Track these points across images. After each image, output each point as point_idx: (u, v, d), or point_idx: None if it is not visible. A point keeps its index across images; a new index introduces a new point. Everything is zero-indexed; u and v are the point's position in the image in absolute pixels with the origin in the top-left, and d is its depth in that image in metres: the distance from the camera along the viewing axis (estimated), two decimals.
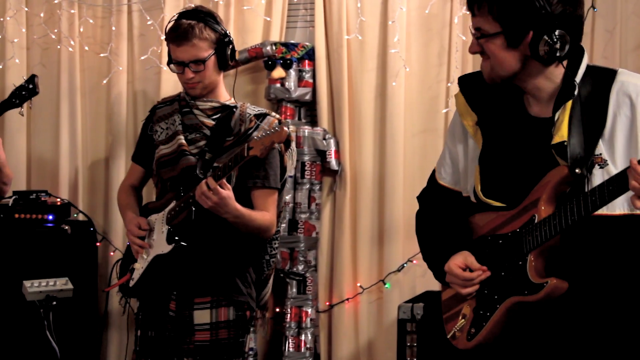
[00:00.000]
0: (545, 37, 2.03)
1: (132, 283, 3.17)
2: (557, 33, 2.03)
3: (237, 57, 3.21)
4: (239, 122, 3.10)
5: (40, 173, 4.74)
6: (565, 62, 2.09)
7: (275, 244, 3.29)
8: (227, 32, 3.18)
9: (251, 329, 3.32)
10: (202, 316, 3.05)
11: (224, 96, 3.24)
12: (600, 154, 2.03)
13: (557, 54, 2.05)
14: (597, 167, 2.02)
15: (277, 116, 3.19)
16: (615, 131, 2.04)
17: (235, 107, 3.17)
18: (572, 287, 2.00)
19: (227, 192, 2.89)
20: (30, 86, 3.54)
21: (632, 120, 2.03)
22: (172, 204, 3.07)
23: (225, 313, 3.07)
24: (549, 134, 2.09)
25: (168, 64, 3.20)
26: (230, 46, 3.16)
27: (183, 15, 3.15)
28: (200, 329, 3.05)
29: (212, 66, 3.13)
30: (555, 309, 2.06)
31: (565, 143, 2.04)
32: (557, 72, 2.12)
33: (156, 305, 3.14)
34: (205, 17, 3.13)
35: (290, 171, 3.30)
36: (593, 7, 3.89)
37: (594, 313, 2.07)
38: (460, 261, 2.21)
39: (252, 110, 3.16)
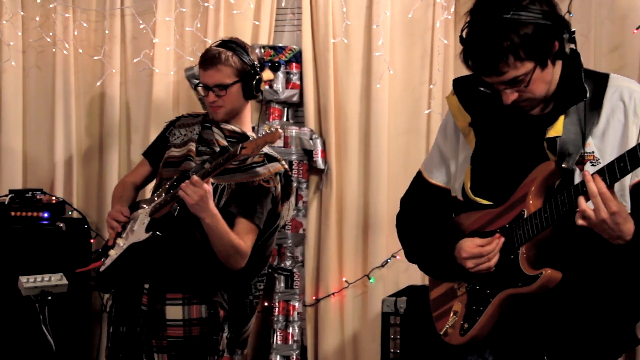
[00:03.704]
0: (566, 37, 1.97)
1: (103, 268, 3.09)
2: (571, 29, 2.00)
3: (262, 88, 3.15)
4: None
5: (36, 172, 4.72)
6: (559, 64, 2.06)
7: (260, 285, 3.21)
8: (255, 63, 3.12)
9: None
10: (174, 312, 2.97)
11: (247, 126, 3.18)
12: (593, 152, 2.01)
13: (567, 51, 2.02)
14: (589, 164, 2.00)
15: (285, 166, 3.13)
16: (608, 132, 2.02)
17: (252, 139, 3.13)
18: (563, 278, 1.97)
19: (208, 187, 2.83)
20: None
21: (624, 125, 2.01)
22: (160, 199, 3.01)
23: (197, 310, 2.99)
24: (541, 131, 2.06)
25: (195, 86, 3.16)
26: (257, 77, 3.10)
27: (217, 43, 3.13)
28: (172, 325, 2.97)
29: (236, 93, 3.07)
30: (546, 299, 2.02)
31: (557, 138, 2.02)
32: (555, 75, 2.08)
33: (128, 299, 3.06)
34: (235, 47, 3.10)
35: (285, 218, 3.22)
36: (569, 12, 3.87)
37: (584, 302, 2.04)
38: (471, 243, 2.12)
39: (265, 149, 3.07)
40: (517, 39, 1.93)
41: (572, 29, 2.00)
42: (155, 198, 3.07)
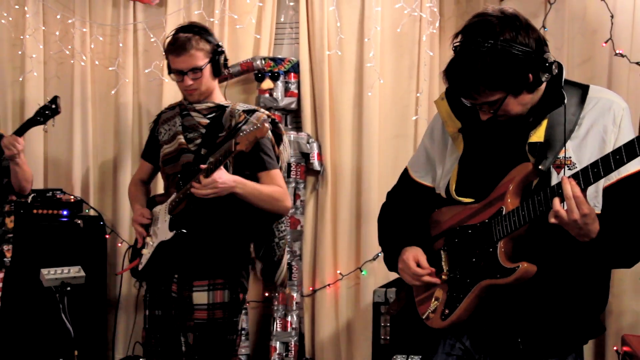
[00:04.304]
0: (542, 68, 1.99)
1: (140, 267, 3.18)
2: (549, 60, 2.00)
3: (229, 64, 3.22)
4: (229, 117, 3.10)
5: (56, 173, 4.79)
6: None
7: (282, 227, 3.26)
8: (220, 43, 3.18)
9: (243, 311, 3.36)
10: (200, 297, 3.06)
11: (219, 99, 3.22)
12: (570, 157, 2.02)
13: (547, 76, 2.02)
14: (566, 168, 2.01)
15: (266, 112, 3.16)
16: (587, 140, 2.03)
17: (228, 106, 3.16)
18: (537, 270, 2.00)
19: (218, 173, 2.89)
20: (53, 106, 3.56)
21: (603, 134, 2.03)
22: (173, 196, 3.08)
23: (221, 295, 3.07)
24: (524, 135, 2.08)
25: (169, 73, 3.18)
26: (223, 55, 3.16)
27: (180, 29, 3.14)
28: (198, 309, 3.05)
29: (208, 74, 3.12)
30: (521, 289, 2.05)
31: (538, 143, 2.04)
32: (537, 94, 2.09)
33: (161, 287, 3.15)
34: (200, 30, 3.14)
35: (286, 160, 3.26)
36: (544, 27, 3.96)
37: (555, 292, 2.09)
38: (417, 255, 2.22)
39: (241, 107, 3.15)
40: (488, 71, 1.96)
41: (551, 61, 2.00)
42: (169, 195, 3.13)
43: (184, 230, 3.05)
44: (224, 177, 2.93)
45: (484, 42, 1.96)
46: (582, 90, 2.09)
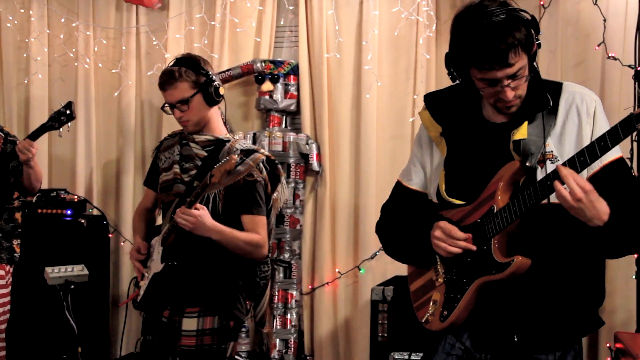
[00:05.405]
0: (537, 37, 2.00)
1: (139, 298, 3.10)
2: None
3: (222, 93, 3.04)
4: (226, 154, 2.93)
5: (60, 173, 4.80)
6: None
7: (264, 267, 3.13)
8: (209, 72, 3.01)
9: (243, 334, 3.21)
10: (189, 323, 2.93)
11: (220, 130, 3.08)
12: (552, 151, 2.03)
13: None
14: (549, 162, 2.02)
15: (265, 152, 3.04)
16: (565, 133, 2.05)
17: (228, 140, 3.03)
18: (531, 265, 1.99)
19: (200, 212, 2.80)
20: (68, 112, 3.46)
21: (579, 125, 2.05)
22: (165, 227, 2.99)
23: (211, 321, 2.94)
24: (506, 136, 2.08)
25: (161, 108, 3.08)
26: (214, 84, 3.00)
27: (173, 62, 3.02)
28: (186, 335, 2.93)
29: (198, 104, 2.98)
30: (517, 285, 2.04)
31: (522, 141, 2.04)
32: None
33: (154, 313, 3.05)
34: (187, 61, 3.00)
35: (282, 202, 3.16)
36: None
37: (551, 287, 2.07)
38: (450, 224, 2.13)
39: (241, 145, 3.00)
40: (519, 33, 1.94)
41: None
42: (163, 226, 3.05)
43: (175, 263, 2.97)
44: (203, 218, 2.83)
45: (503, 9, 1.95)
46: (556, 87, 2.11)
